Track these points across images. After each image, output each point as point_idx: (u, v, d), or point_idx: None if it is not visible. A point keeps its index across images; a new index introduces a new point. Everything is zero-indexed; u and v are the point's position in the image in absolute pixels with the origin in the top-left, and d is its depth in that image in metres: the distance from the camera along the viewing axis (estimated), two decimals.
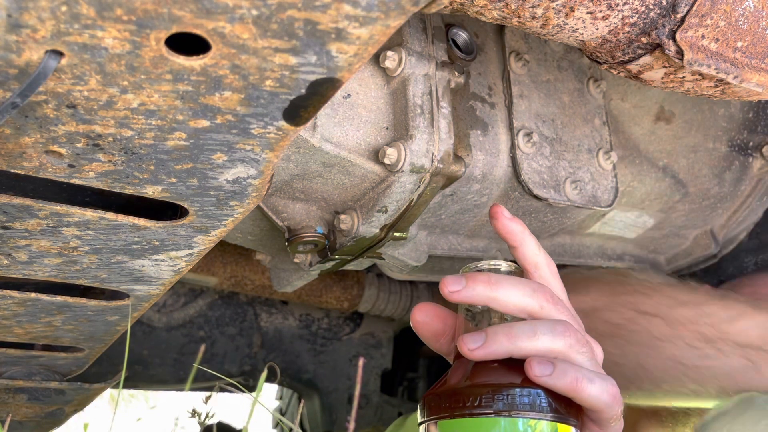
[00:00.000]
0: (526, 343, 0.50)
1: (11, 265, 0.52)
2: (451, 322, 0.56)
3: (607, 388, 0.49)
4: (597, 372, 0.50)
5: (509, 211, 0.57)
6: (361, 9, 0.31)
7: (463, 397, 0.49)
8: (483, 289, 0.52)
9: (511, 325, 0.51)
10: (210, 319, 1.42)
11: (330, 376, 1.57)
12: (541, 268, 0.57)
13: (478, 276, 0.52)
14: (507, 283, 0.52)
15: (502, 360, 0.50)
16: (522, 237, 0.57)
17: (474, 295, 0.52)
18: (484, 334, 0.50)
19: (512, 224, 0.57)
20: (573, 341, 0.50)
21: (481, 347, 0.50)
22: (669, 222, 0.94)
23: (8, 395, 0.75)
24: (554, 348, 0.50)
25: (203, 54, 0.33)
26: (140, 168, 0.42)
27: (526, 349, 0.50)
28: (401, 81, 0.61)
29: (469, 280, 0.52)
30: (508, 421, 0.47)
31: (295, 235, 0.67)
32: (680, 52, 0.49)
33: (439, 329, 0.57)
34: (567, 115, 0.74)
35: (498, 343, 0.50)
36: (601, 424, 0.51)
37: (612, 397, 0.50)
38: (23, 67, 0.32)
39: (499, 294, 0.52)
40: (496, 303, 0.52)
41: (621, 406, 0.51)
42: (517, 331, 0.50)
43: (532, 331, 0.50)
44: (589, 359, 0.51)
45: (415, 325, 0.57)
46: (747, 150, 0.93)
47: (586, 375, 0.49)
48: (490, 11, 0.48)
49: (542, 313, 0.52)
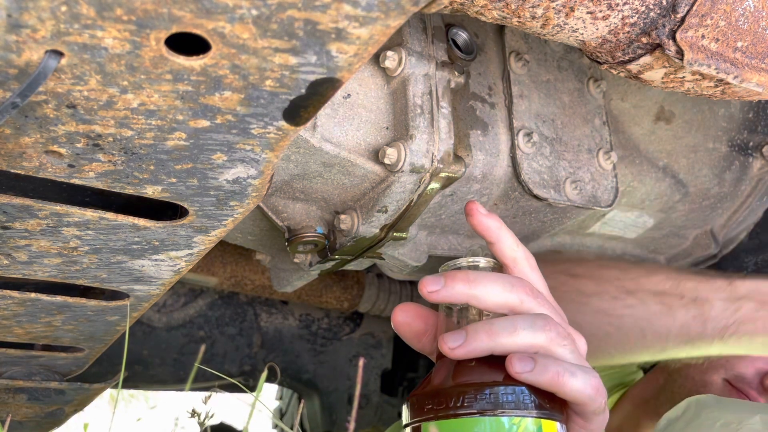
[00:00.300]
0: (506, 339, 0.49)
1: (11, 265, 0.52)
2: (432, 321, 0.56)
3: (590, 380, 0.49)
4: (579, 365, 0.50)
5: (509, 211, 0.57)
6: (361, 9, 0.31)
7: (446, 398, 0.48)
8: (462, 288, 0.51)
9: (491, 321, 0.51)
10: (210, 319, 1.42)
11: (330, 376, 1.57)
12: (519, 262, 0.56)
13: (456, 274, 0.52)
14: (486, 280, 0.52)
15: (484, 357, 0.50)
16: (498, 233, 0.56)
17: (453, 294, 0.51)
18: (464, 332, 0.50)
19: (488, 220, 0.56)
20: (554, 335, 0.50)
21: (461, 346, 0.50)
22: (669, 222, 0.94)
23: (8, 395, 0.75)
24: (535, 343, 0.50)
25: (203, 54, 0.33)
26: (140, 168, 0.42)
27: (507, 346, 0.49)
28: (401, 81, 0.61)
29: (448, 279, 0.52)
30: (492, 420, 0.47)
31: (295, 235, 0.67)
32: (680, 52, 0.49)
33: (420, 329, 0.56)
34: (567, 115, 0.74)
35: (478, 340, 0.49)
36: (586, 417, 0.51)
37: (595, 390, 0.49)
38: (23, 67, 0.32)
39: (478, 291, 0.51)
40: (476, 300, 0.52)
41: (605, 398, 0.51)
42: (497, 328, 0.50)
43: (512, 326, 0.50)
44: (570, 351, 0.51)
45: (396, 325, 0.57)
46: (747, 150, 0.93)
47: (568, 369, 0.49)
48: (490, 11, 0.48)
49: (523, 307, 0.52)
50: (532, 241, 0.84)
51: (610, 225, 0.89)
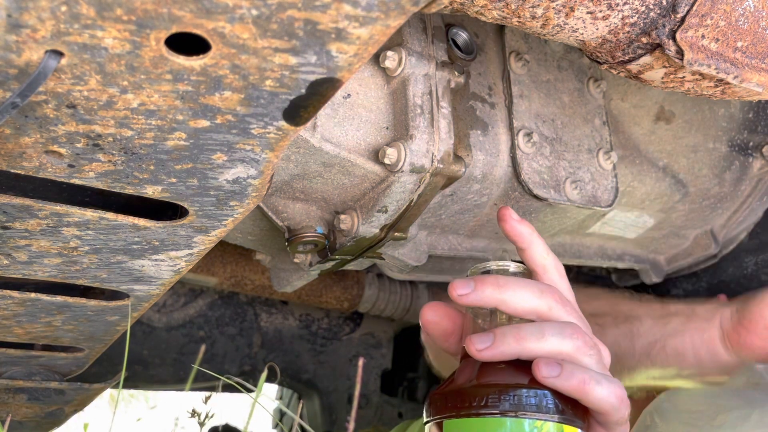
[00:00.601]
0: (534, 344, 0.50)
1: (11, 265, 0.52)
2: (459, 321, 0.56)
3: (614, 390, 0.49)
4: (604, 374, 0.50)
5: None
6: (361, 9, 0.31)
7: (469, 397, 0.49)
8: (492, 292, 0.52)
9: (520, 326, 0.51)
10: (210, 319, 1.42)
11: (330, 376, 1.57)
12: (549, 270, 0.57)
13: (486, 279, 0.52)
14: (515, 285, 0.52)
15: (509, 361, 0.50)
16: (531, 239, 0.57)
17: (483, 297, 0.52)
18: (492, 335, 0.50)
19: (521, 226, 0.57)
20: (581, 343, 0.50)
21: (489, 348, 0.50)
22: (669, 222, 0.94)
23: (8, 395, 0.75)
24: (562, 350, 0.50)
25: (203, 54, 0.33)
26: (140, 168, 0.42)
27: (534, 351, 0.50)
28: (401, 81, 0.61)
29: (478, 283, 0.52)
30: (514, 421, 0.47)
31: (295, 235, 0.67)
32: (680, 52, 0.49)
33: (448, 329, 0.56)
34: (567, 115, 0.74)
35: (506, 344, 0.50)
36: (608, 427, 0.51)
37: (619, 400, 0.49)
38: (23, 67, 0.32)
39: (507, 296, 0.52)
40: (505, 305, 0.52)
41: (628, 409, 0.51)
42: (525, 333, 0.50)
43: (540, 332, 0.50)
44: (596, 361, 0.51)
45: (425, 324, 0.57)
46: (747, 150, 0.93)
47: (594, 377, 0.49)
48: (490, 11, 0.48)
49: (551, 314, 0.52)
50: None
51: (610, 225, 0.89)
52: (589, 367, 0.50)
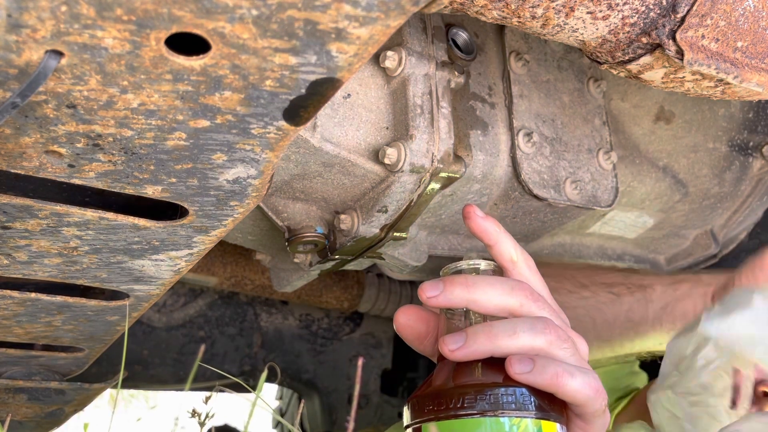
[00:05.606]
0: (506, 341, 0.50)
1: (11, 265, 0.52)
2: (433, 323, 0.56)
3: (589, 381, 0.49)
4: (578, 366, 0.50)
5: (509, 211, 0.57)
6: (361, 9, 0.31)
7: (446, 399, 0.48)
8: (461, 292, 0.52)
9: (491, 324, 0.51)
10: (210, 319, 1.42)
11: (330, 376, 1.58)
12: (518, 265, 0.56)
13: (455, 279, 0.52)
14: (485, 284, 0.52)
15: (484, 359, 0.50)
16: (497, 236, 0.56)
17: (452, 298, 0.52)
18: (465, 334, 0.50)
19: (486, 223, 0.56)
20: (553, 338, 0.50)
21: (461, 348, 0.50)
22: (669, 222, 0.94)
23: (8, 395, 0.75)
24: (535, 345, 0.50)
25: (203, 54, 0.33)
26: (140, 168, 0.42)
27: (507, 348, 0.50)
28: (401, 81, 0.61)
29: (447, 284, 0.52)
30: (492, 420, 0.47)
31: (295, 235, 0.67)
32: (680, 52, 0.49)
33: (422, 331, 0.56)
34: (567, 115, 0.74)
35: (478, 343, 0.50)
36: (586, 419, 0.51)
37: (594, 391, 0.49)
38: (23, 67, 0.32)
39: (477, 296, 0.52)
40: (475, 305, 0.52)
41: (605, 400, 0.51)
42: (497, 331, 0.50)
43: (512, 329, 0.50)
44: (571, 354, 0.51)
45: (398, 327, 0.57)
46: (747, 150, 0.93)
47: (567, 369, 0.49)
48: (490, 11, 0.48)
49: (522, 310, 0.52)
50: (532, 241, 0.85)
51: (610, 225, 0.89)
52: (564, 360, 0.50)
